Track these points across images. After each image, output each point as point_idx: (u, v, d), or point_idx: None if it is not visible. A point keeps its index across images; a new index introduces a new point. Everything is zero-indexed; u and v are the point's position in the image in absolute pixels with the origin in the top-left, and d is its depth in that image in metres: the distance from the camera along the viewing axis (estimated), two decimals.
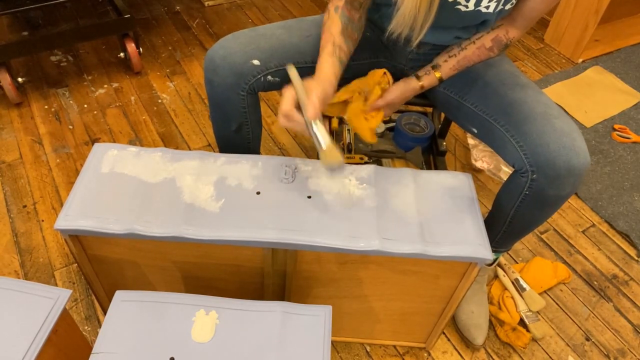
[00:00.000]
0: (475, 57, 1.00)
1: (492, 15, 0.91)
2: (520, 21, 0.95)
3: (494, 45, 0.98)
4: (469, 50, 0.99)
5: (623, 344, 1.26)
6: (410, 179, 0.98)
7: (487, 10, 0.90)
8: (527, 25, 0.96)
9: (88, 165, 0.95)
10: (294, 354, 0.76)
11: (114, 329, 0.77)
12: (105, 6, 2.15)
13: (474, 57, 1.00)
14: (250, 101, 1.03)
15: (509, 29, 0.97)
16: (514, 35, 0.97)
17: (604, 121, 1.88)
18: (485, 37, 0.98)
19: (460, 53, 1.00)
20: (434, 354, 1.20)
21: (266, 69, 1.00)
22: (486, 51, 0.99)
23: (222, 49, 0.99)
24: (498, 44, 0.98)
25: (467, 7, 0.90)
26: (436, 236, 0.89)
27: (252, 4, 2.31)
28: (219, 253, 0.93)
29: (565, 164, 0.88)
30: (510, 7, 0.91)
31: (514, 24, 0.96)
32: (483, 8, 0.90)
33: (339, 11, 0.96)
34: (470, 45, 0.99)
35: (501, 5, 0.90)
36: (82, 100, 1.76)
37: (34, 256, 1.31)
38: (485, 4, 0.89)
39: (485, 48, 0.98)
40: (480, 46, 0.98)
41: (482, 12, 0.91)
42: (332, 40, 0.93)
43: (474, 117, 1.02)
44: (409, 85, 1.03)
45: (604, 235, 1.50)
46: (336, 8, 0.96)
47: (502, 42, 0.98)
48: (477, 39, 0.98)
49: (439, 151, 1.41)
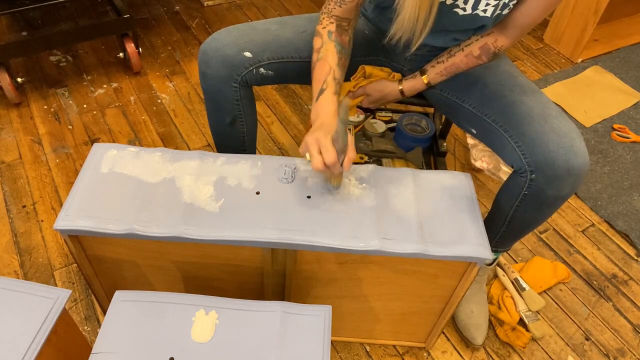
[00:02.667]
0: (463, 65, 1.00)
1: (490, 19, 0.91)
2: (511, 29, 0.95)
3: (482, 54, 0.98)
4: (457, 57, 1.00)
5: (622, 343, 1.26)
6: (410, 179, 0.98)
7: (484, 15, 0.90)
8: (517, 35, 0.95)
9: (87, 166, 0.95)
10: (294, 354, 0.76)
11: (114, 329, 0.77)
12: (104, 6, 2.15)
13: (461, 64, 1.01)
14: (243, 94, 1.04)
15: (498, 37, 0.96)
16: (503, 44, 0.97)
17: (604, 121, 1.88)
18: (473, 45, 0.98)
19: (448, 60, 1.01)
20: (434, 353, 1.20)
21: (258, 62, 1.01)
22: (474, 59, 0.99)
23: (215, 42, 1.01)
24: (486, 52, 0.98)
25: (465, 11, 0.91)
26: (436, 236, 0.89)
27: (252, 3, 2.31)
28: (218, 253, 0.93)
29: (564, 164, 0.88)
30: (508, 12, 0.91)
31: (504, 32, 0.96)
32: (480, 12, 0.90)
33: (333, 38, 0.97)
34: (459, 52, 1.00)
35: (499, 10, 0.90)
36: (82, 100, 1.76)
37: (33, 256, 1.30)
38: (482, 7, 0.89)
39: (473, 56, 0.99)
40: (468, 54, 0.99)
41: (480, 16, 0.91)
42: (332, 74, 0.94)
43: (472, 118, 1.02)
44: (388, 85, 1.08)
45: (604, 235, 1.50)
46: (329, 33, 0.97)
47: (490, 50, 0.98)
48: (466, 47, 0.99)
49: (439, 152, 1.41)
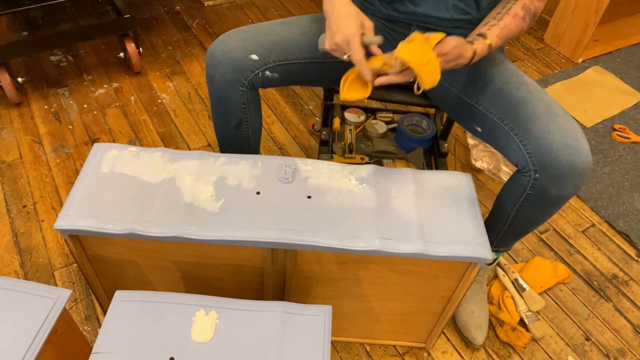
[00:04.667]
0: (514, 26, 0.96)
1: None
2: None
3: (525, 14, 0.96)
4: (506, 19, 0.96)
5: (623, 344, 1.26)
6: (410, 179, 0.98)
7: None
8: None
9: (88, 165, 0.95)
10: (294, 354, 0.76)
11: (114, 329, 0.77)
12: (105, 6, 2.15)
13: (512, 25, 0.96)
14: (250, 97, 1.04)
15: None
16: (538, 4, 0.97)
17: (604, 121, 1.88)
18: (515, 6, 0.96)
19: (499, 22, 0.96)
20: (434, 353, 1.20)
21: (264, 64, 1.01)
22: (520, 20, 0.96)
23: (222, 45, 1.00)
24: (528, 13, 0.97)
25: None
26: (436, 236, 0.89)
27: (252, 3, 2.31)
28: (218, 253, 0.93)
29: (568, 163, 0.88)
30: None
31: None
32: None
33: None
34: (505, 15, 0.96)
35: None
36: (82, 100, 1.76)
37: (33, 256, 1.31)
38: None
39: (519, 17, 0.96)
40: (514, 15, 0.96)
41: None
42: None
43: (478, 115, 1.02)
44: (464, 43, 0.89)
45: (604, 235, 1.50)
46: None
47: (531, 10, 0.97)
48: (509, 9, 0.97)
49: (440, 153, 1.41)
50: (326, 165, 0.99)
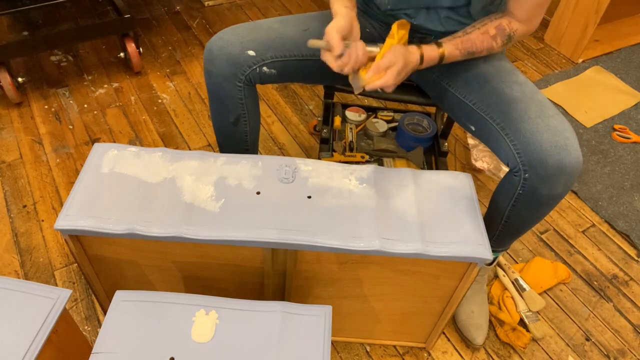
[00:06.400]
0: (479, 43, 0.98)
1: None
2: (519, 11, 0.95)
3: (497, 34, 0.97)
4: (473, 34, 0.98)
5: (623, 344, 1.26)
6: (410, 179, 0.98)
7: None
8: (527, 18, 0.95)
9: (88, 165, 0.95)
10: (294, 354, 0.76)
11: (114, 329, 0.77)
12: (105, 6, 2.15)
13: (477, 41, 0.98)
14: (247, 93, 1.05)
15: (511, 20, 0.97)
16: (517, 28, 0.97)
17: (604, 121, 1.88)
18: (489, 24, 0.97)
19: (464, 35, 0.99)
20: (434, 354, 1.20)
21: (262, 60, 1.01)
22: (490, 38, 0.97)
23: (220, 40, 1.01)
24: (501, 33, 0.97)
25: None
26: (436, 236, 0.89)
27: (252, 3, 2.31)
28: (219, 253, 0.93)
29: (556, 163, 0.88)
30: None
31: (514, 16, 0.96)
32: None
33: None
34: (475, 30, 0.98)
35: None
36: (82, 100, 1.76)
37: (34, 256, 1.31)
38: None
39: (489, 35, 0.97)
40: (484, 32, 0.97)
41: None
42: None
43: (472, 114, 1.02)
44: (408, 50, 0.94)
45: (604, 236, 1.50)
46: None
47: (506, 31, 0.97)
48: (482, 26, 0.98)
49: (440, 152, 1.41)
50: (326, 165, 0.99)
